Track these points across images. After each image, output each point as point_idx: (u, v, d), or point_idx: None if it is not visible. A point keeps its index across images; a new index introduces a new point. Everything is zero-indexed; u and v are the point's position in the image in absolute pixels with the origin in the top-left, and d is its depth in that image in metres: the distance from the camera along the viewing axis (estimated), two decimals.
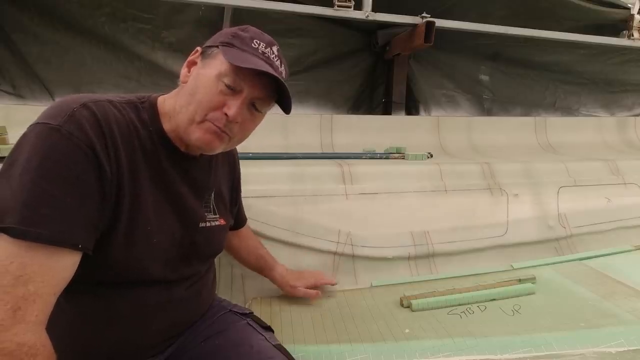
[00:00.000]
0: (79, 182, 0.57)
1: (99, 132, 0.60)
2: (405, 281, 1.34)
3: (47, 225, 0.54)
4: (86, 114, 0.60)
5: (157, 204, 0.71)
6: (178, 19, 2.01)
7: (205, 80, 0.68)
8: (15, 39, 1.86)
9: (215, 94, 0.67)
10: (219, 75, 0.67)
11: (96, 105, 0.62)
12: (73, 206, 0.57)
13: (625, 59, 2.69)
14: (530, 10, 2.30)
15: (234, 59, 0.66)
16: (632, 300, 1.17)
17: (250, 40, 0.70)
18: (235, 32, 0.71)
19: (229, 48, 0.69)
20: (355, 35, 2.33)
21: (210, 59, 0.70)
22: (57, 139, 0.56)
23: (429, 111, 2.53)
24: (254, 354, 0.80)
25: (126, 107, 0.68)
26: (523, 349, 0.95)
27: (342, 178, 1.47)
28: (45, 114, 0.59)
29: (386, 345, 0.97)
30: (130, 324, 0.72)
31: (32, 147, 0.56)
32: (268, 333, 0.88)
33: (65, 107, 0.59)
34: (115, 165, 0.62)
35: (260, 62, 0.68)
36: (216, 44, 0.70)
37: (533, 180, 1.67)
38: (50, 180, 0.55)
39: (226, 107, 0.67)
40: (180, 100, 0.70)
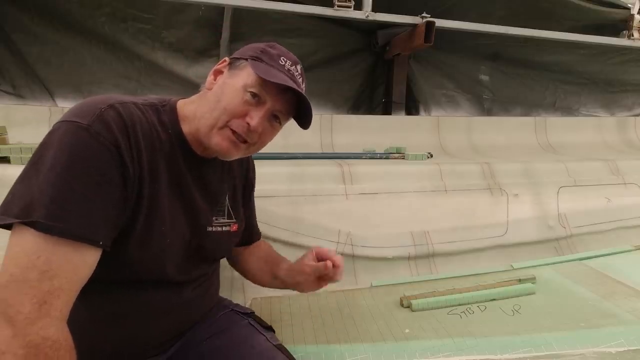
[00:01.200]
0: (104, 180, 0.59)
1: (125, 132, 0.62)
2: (405, 281, 1.34)
3: (73, 220, 0.56)
4: (113, 115, 0.62)
5: (172, 205, 0.72)
6: (178, 19, 2.02)
7: (232, 89, 0.70)
8: (15, 39, 1.86)
9: (240, 103, 0.69)
10: (245, 86, 0.70)
11: (122, 106, 0.64)
12: (97, 203, 0.58)
13: (625, 59, 2.69)
14: (530, 10, 2.30)
15: (262, 73, 0.69)
16: (632, 300, 1.17)
17: (278, 57, 0.73)
18: (264, 48, 0.74)
19: (257, 62, 0.71)
20: (355, 35, 2.33)
21: (238, 70, 0.72)
22: (86, 138, 0.58)
23: (429, 111, 2.53)
24: (255, 354, 0.80)
25: (148, 109, 0.70)
26: (523, 349, 0.95)
27: (342, 178, 1.47)
28: (74, 113, 0.60)
29: (386, 345, 0.97)
30: (138, 324, 0.73)
31: (60, 144, 0.57)
32: (269, 333, 0.88)
33: (94, 107, 0.61)
34: (137, 166, 0.64)
35: (286, 78, 0.71)
36: (245, 56, 0.73)
37: (533, 180, 1.67)
38: (76, 177, 0.57)
39: (249, 116, 0.70)
40: (204, 106, 0.72)
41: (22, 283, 0.53)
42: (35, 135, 1.62)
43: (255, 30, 2.12)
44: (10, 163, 1.24)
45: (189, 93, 1.56)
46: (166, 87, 2.07)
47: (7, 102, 1.84)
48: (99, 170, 0.58)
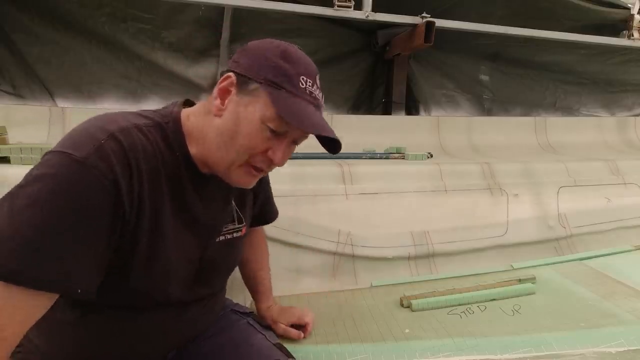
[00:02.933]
0: (93, 221, 0.53)
1: (125, 164, 0.56)
2: (405, 281, 1.34)
3: (46, 269, 0.50)
4: (114, 147, 0.55)
5: (177, 227, 0.67)
6: (178, 19, 2.01)
7: (249, 125, 0.62)
8: (15, 39, 1.86)
9: (261, 141, 0.63)
10: (264, 120, 0.61)
11: (124, 134, 0.57)
12: (79, 250, 0.53)
13: (625, 59, 2.69)
14: (530, 10, 2.30)
15: (286, 113, 0.60)
16: (632, 300, 1.17)
17: (298, 77, 0.63)
18: (279, 65, 0.62)
19: (276, 91, 0.61)
20: (355, 35, 2.33)
21: (252, 97, 0.62)
22: (81, 173, 0.52)
23: (429, 111, 2.53)
24: (254, 352, 0.80)
25: (152, 130, 0.63)
26: (523, 349, 0.95)
27: (342, 178, 1.47)
28: (70, 143, 0.54)
29: (386, 345, 0.97)
30: (140, 341, 0.71)
31: (50, 178, 0.51)
32: (268, 332, 0.89)
33: (92, 138, 0.54)
34: (137, 198, 0.58)
35: (315, 114, 0.64)
36: (259, 78, 0.61)
37: (533, 180, 1.67)
38: (61, 219, 0.50)
39: (271, 151, 0.64)
40: (216, 137, 0.64)
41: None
42: (35, 135, 1.64)
43: (255, 30, 2.12)
44: (10, 163, 1.24)
45: (189, 94, 1.56)
46: (166, 87, 2.07)
47: (7, 102, 1.84)
48: (88, 210, 0.52)
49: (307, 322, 0.99)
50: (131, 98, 2.04)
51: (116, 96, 2.02)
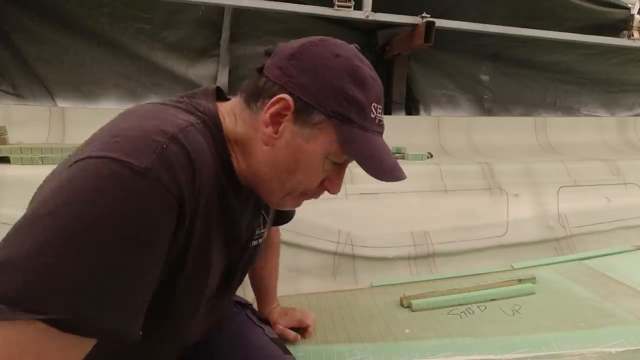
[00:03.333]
0: (157, 252, 0.43)
1: (191, 176, 0.45)
2: (405, 281, 1.34)
3: (98, 315, 0.38)
4: (178, 152, 0.44)
5: (219, 239, 0.59)
6: (178, 19, 2.01)
7: (310, 161, 0.55)
8: (15, 39, 1.86)
9: (320, 174, 0.57)
10: (328, 155, 0.55)
11: (185, 136, 0.46)
12: (142, 286, 0.42)
13: (625, 59, 2.69)
14: (530, 10, 2.30)
15: (362, 159, 0.54)
16: (632, 300, 1.17)
17: (370, 107, 0.55)
18: (352, 94, 0.53)
19: (346, 127, 0.53)
20: (355, 35, 2.32)
21: (315, 130, 0.53)
22: (143, 188, 0.40)
23: (429, 111, 2.53)
24: (251, 347, 0.81)
25: (205, 130, 0.52)
26: (523, 349, 0.95)
27: None
28: (120, 145, 0.41)
29: (386, 345, 0.97)
30: (169, 349, 0.66)
31: (99, 196, 0.38)
32: (266, 326, 0.90)
33: (152, 140, 0.43)
34: (193, 213, 0.48)
35: (384, 150, 0.57)
36: (326, 110, 0.52)
37: (533, 180, 1.67)
38: (119, 251, 0.39)
39: (328, 181, 0.59)
40: (268, 167, 0.56)
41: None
42: (36, 135, 1.64)
43: (255, 30, 2.12)
44: (10, 163, 1.24)
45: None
46: (166, 87, 2.07)
47: (7, 102, 1.84)
48: (152, 236, 0.41)
49: (308, 324, 0.99)
50: (131, 98, 2.04)
51: (116, 96, 2.02)
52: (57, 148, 1.28)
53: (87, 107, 1.94)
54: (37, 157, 1.25)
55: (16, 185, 1.15)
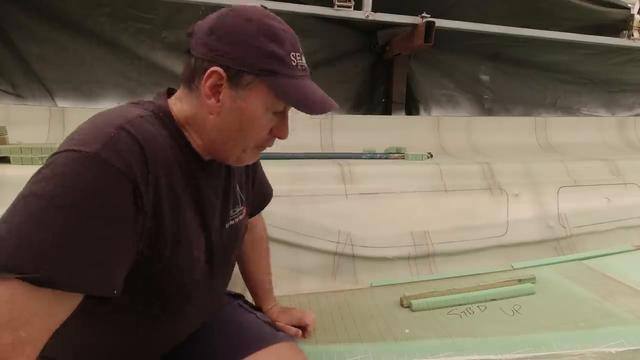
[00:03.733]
0: (113, 220, 0.50)
1: (141, 157, 0.53)
2: (405, 281, 1.34)
3: (69, 270, 0.47)
4: (126, 139, 0.52)
5: (193, 216, 0.66)
6: (178, 19, 2.01)
7: (254, 117, 0.62)
8: (15, 39, 1.86)
9: (267, 126, 0.64)
10: (268, 107, 0.62)
11: (133, 126, 0.54)
12: (103, 248, 0.49)
13: (625, 59, 2.69)
14: (530, 10, 2.30)
15: (294, 102, 0.61)
16: (632, 300, 1.17)
17: (289, 57, 0.61)
18: (267, 50, 0.59)
19: (272, 78, 0.60)
20: (355, 35, 2.33)
21: (248, 90, 0.60)
22: (94, 169, 0.49)
23: (429, 111, 2.53)
24: (243, 328, 0.82)
25: (154, 119, 0.60)
26: (523, 349, 0.95)
27: (342, 178, 1.47)
28: (77, 139, 0.51)
29: (386, 345, 0.97)
30: (162, 337, 0.72)
31: (62, 178, 0.48)
32: (259, 312, 0.91)
33: (101, 131, 0.52)
34: (154, 193, 0.56)
35: (317, 92, 0.64)
36: (250, 70, 0.59)
37: (533, 180, 1.67)
38: (80, 218, 0.47)
39: (275, 129, 0.66)
40: (220, 133, 0.63)
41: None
42: (35, 135, 1.64)
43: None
44: (10, 163, 1.24)
45: None
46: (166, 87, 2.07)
47: (7, 102, 1.84)
48: (107, 208, 0.49)
49: (308, 323, 0.99)
50: (131, 98, 2.04)
51: (116, 96, 2.02)
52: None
53: (87, 107, 1.94)
54: (37, 157, 1.25)
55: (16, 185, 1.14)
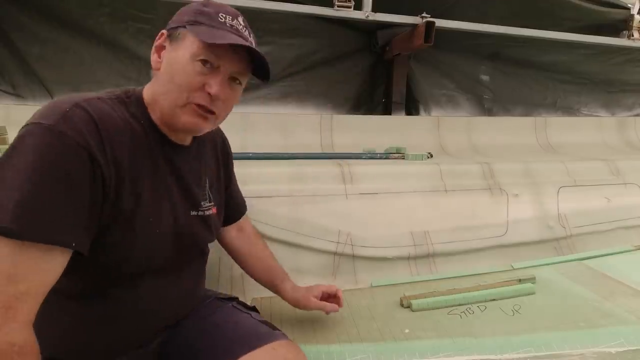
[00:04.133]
0: (72, 182, 0.57)
1: (95, 130, 0.60)
2: (405, 281, 1.34)
3: (41, 224, 0.54)
4: (80, 113, 0.59)
5: (155, 196, 0.70)
6: None
7: (180, 64, 0.66)
8: (15, 39, 1.86)
9: (194, 75, 0.66)
10: (193, 56, 0.66)
11: (89, 103, 0.61)
12: (67, 206, 0.57)
13: (625, 59, 2.69)
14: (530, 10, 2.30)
15: (205, 37, 0.65)
16: (632, 300, 1.17)
17: (216, 15, 0.68)
18: (199, 9, 0.69)
19: (196, 26, 0.67)
20: (355, 35, 2.33)
21: (180, 41, 0.68)
22: (51, 139, 0.56)
23: (429, 111, 2.53)
24: (239, 328, 0.82)
25: (116, 102, 0.67)
26: (523, 349, 0.95)
27: (342, 178, 1.47)
28: (38, 114, 0.58)
29: (386, 345, 0.97)
30: (133, 319, 0.74)
31: (25, 147, 0.55)
32: (254, 312, 0.91)
33: (58, 107, 0.59)
34: (112, 164, 0.62)
35: (232, 35, 0.68)
36: (182, 24, 0.68)
37: (533, 180, 1.67)
38: (43, 180, 0.55)
39: (207, 86, 0.67)
40: (159, 88, 0.69)
41: (5, 292, 0.52)
42: None
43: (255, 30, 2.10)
44: None
45: None
46: None
47: (7, 102, 1.84)
48: (66, 172, 0.56)
49: (336, 289, 0.99)
50: None
51: None
52: None
53: None
54: None
55: None
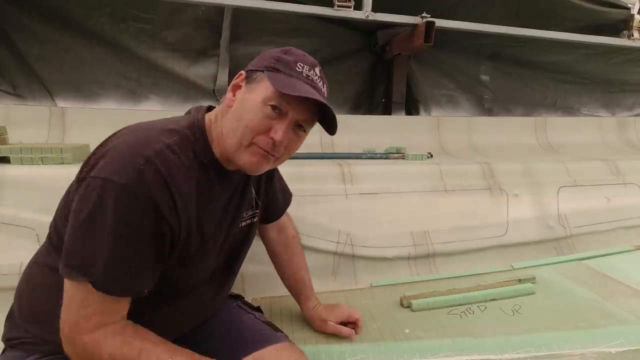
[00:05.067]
0: (147, 238, 0.63)
1: (165, 188, 0.64)
2: (405, 281, 1.34)
3: (123, 281, 0.63)
4: (151, 171, 0.62)
5: (216, 229, 0.77)
6: (178, 19, 2.01)
7: (252, 106, 0.69)
8: (15, 39, 1.86)
9: (262, 119, 0.68)
10: (265, 100, 0.68)
11: (159, 158, 0.64)
12: (145, 262, 0.64)
13: (625, 59, 2.69)
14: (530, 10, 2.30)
15: (280, 86, 0.67)
16: (632, 300, 1.17)
17: (295, 64, 0.71)
18: (279, 56, 0.71)
19: (274, 73, 0.69)
20: (355, 35, 2.33)
21: (255, 84, 0.70)
22: (128, 201, 0.61)
23: (429, 111, 2.53)
24: (245, 328, 0.85)
25: (183, 147, 0.69)
26: (523, 349, 0.95)
27: (342, 178, 1.47)
28: (113, 168, 0.61)
29: (386, 345, 0.97)
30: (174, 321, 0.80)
31: (104, 208, 0.60)
32: (258, 313, 0.94)
33: (132, 163, 0.62)
34: (182, 216, 0.67)
35: (306, 86, 0.70)
36: (260, 68, 0.70)
37: (533, 180, 1.67)
38: (123, 238, 0.61)
39: (272, 130, 0.69)
40: (227, 124, 0.71)
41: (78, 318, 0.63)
42: (35, 135, 1.64)
43: (255, 30, 2.12)
44: (10, 163, 1.24)
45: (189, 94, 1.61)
46: (166, 87, 2.07)
47: (7, 102, 1.84)
48: (140, 229, 0.62)
49: (357, 318, 1.00)
50: (131, 98, 2.04)
51: (116, 96, 2.02)
52: (57, 148, 1.28)
53: (87, 107, 1.94)
54: (37, 157, 1.25)
55: (16, 185, 1.15)
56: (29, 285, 0.75)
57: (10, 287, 0.79)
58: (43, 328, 0.71)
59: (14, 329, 0.73)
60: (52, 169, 1.21)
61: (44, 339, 0.71)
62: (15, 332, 0.73)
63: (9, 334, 0.74)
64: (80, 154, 1.33)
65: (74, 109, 1.76)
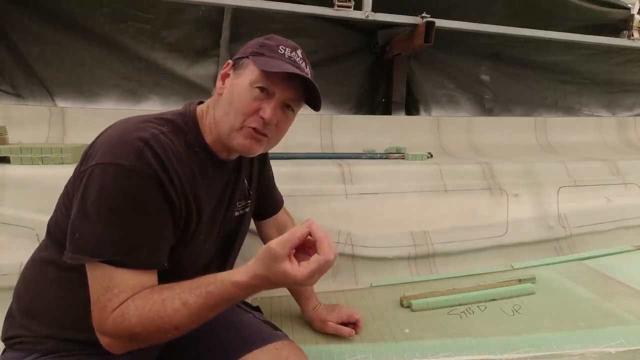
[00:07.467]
0: (157, 213, 0.66)
1: (164, 167, 0.67)
2: (405, 281, 1.34)
3: (139, 254, 0.65)
4: (151, 154, 0.66)
5: (212, 214, 0.80)
6: (178, 19, 2.01)
7: (240, 90, 0.73)
8: (15, 39, 1.86)
9: (251, 101, 0.72)
10: (252, 83, 0.72)
11: (156, 141, 0.67)
12: (156, 234, 0.67)
13: (625, 59, 2.69)
14: (530, 10, 2.30)
15: (264, 65, 0.71)
16: (632, 300, 1.17)
17: (277, 47, 0.75)
18: (262, 42, 0.76)
19: (258, 57, 0.74)
20: (355, 35, 2.33)
21: (242, 69, 0.74)
22: (133, 179, 0.63)
23: (429, 111, 2.53)
24: (244, 327, 0.85)
25: (175, 135, 0.73)
26: (523, 349, 0.95)
27: (342, 178, 1.47)
28: (114, 154, 0.64)
29: (386, 345, 0.97)
30: None
31: (112, 187, 0.63)
32: (257, 312, 0.94)
33: (132, 146, 0.65)
34: (180, 193, 0.69)
35: (287, 65, 0.73)
36: (246, 54, 0.75)
37: (533, 180, 1.67)
38: (135, 216, 0.64)
39: (261, 110, 0.72)
40: (219, 111, 0.75)
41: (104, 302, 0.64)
42: (36, 135, 1.64)
43: (255, 30, 2.11)
44: (10, 163, 1.24)
45: (189, 94, 1.62)
46: (166, 87, 2.07)
47: (7, 102, 1.84)
48: (150, 206, 0.65)
49: (358, 318, 1.01)
50: (131, 98, 2.04)
51: (116, 96, 2.02)
52: (57, 148, 1.28)
53: (87, 107, 1.93)
54: (37, 157, 1.25)
55: (16, 185, 1.15)
56: (27, 280, 0.76)
57: (10, 287, 0.79)
58: (42, 323, 0.71)
59: (13, 327, 0.74)
60: (52, 169, 1.21)
61: (43, 335, 0.71)
62: (14, 331, 0.73)
63: (8, 333, 0.74)
64: (80, 154, 1.33)
65: (74, 109, 1.76)
